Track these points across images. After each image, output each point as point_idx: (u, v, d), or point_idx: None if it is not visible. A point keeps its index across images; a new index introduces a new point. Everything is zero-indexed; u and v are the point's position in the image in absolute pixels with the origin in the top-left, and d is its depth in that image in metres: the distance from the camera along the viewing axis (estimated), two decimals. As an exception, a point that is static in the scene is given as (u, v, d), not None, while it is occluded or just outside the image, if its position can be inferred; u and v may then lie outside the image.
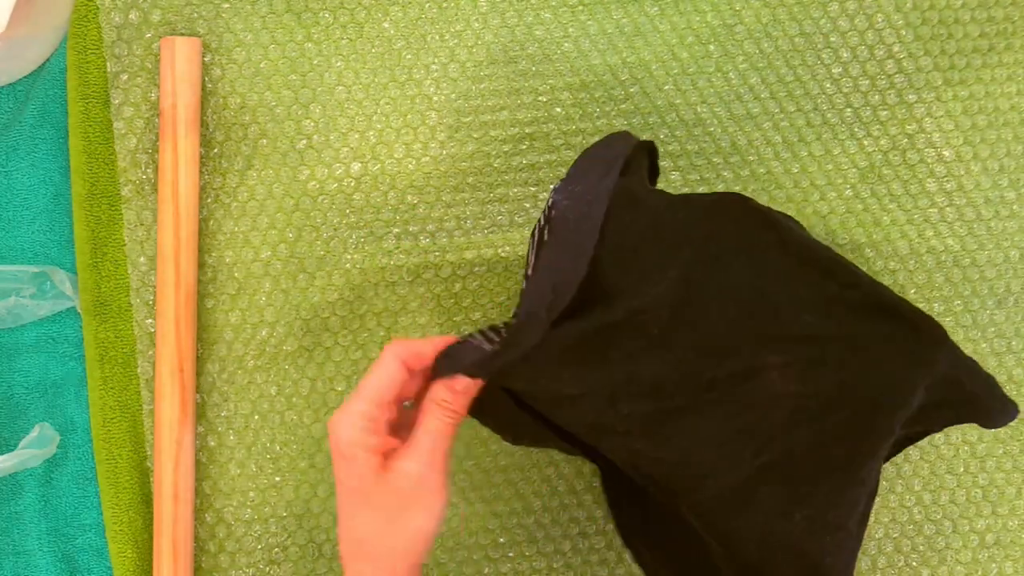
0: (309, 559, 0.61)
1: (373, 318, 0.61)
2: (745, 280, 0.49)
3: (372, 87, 0.61)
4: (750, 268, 0.49)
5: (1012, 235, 0.63)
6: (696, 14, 0.62)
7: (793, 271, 0.50)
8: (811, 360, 0.48)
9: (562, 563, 0.62)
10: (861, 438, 0.49)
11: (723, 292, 0.48)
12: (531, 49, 0.61)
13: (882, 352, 0.50)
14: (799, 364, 0.48)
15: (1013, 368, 0.63)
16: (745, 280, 0.49)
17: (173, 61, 0.59)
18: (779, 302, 0.49)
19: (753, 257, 0.49)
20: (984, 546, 0.63)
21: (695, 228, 0.49)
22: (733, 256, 0.49)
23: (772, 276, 0.49)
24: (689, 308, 0.48)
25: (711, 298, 0.48)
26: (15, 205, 0.61)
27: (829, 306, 0.49)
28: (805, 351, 0.48)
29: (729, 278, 0.49)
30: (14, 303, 0.60)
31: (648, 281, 0.48)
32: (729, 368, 0.48)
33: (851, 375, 0.49)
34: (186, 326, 0.59)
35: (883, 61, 0.62)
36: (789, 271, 0.50)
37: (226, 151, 0.61)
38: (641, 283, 0.48)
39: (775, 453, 0.48)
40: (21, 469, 0.60)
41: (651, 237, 0.48)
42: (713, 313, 0.48)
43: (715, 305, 0.48)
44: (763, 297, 0.49)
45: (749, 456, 0.48)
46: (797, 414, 0.48)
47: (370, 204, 0.61)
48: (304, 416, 0.61)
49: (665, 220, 0.49)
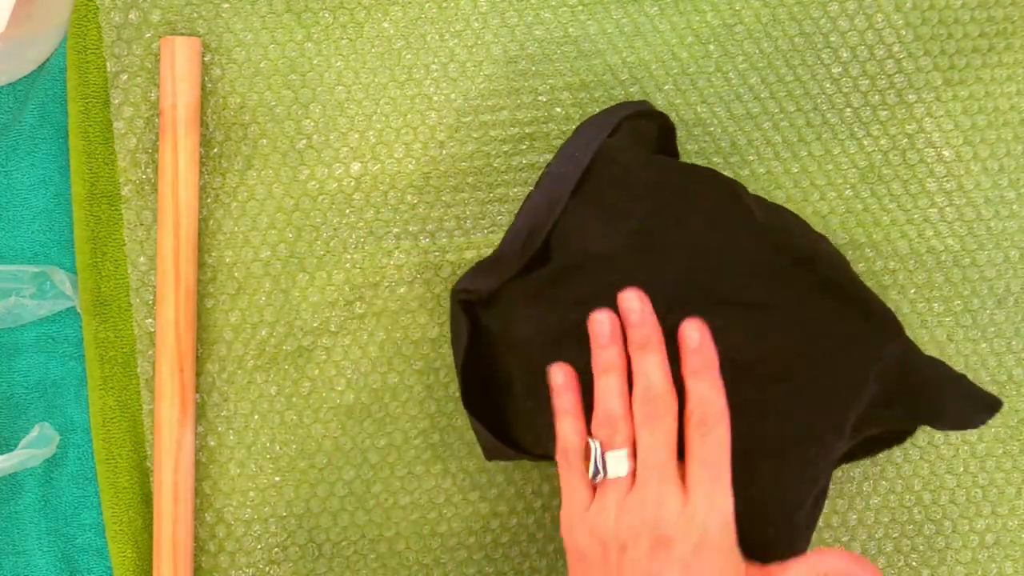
0: (309, 559, 0.61)
1: (373, 318, 0.61)
2: (701, 240, 0.50)
3: (372, 87, 0.61)
4: (708, 229, 0.51)
5: (1012, 235, 0.63)
6: (696, 14, 0.62)
7: (749, 240, 0.51)
8: (755, 326, 0.49)
9: (562, 563, 0.62)
10: (806, 417, 0.49)
11: (678, 248, 0.50)
12: (531, 49, 0.61)
13: (828, 331, 0.50)
14: (743, 329, 0.49)
15: (1013, 368, 0.63)
16: (701, 240, 0.50)
17: (173, 61, 0.59)
18: (732, 266, 0.50)
19: (713, 220, 0.51)
20: (984, 546, 0.63)
21: (662, 185, 0.52)
22: (693, 215, 0.51)
23: (729, 241, 0.50)
24: (644, 258, 0.50)
25: (666, 251, 0.50)
26: (15, 205, 0.61)
27: (779, 278, 0.50)
28: (751, 316, 0.49)
29: (686, 235, 0.50)
30: (14, 303, 0.60)
31: (610, 228, 0.50)
32: (673, 321, 0.48)
33: (795, 347, 0.49)
34: (186, 326, 0.59)
35: (883, 61, 0.62)
36: (746, 239, 0.51)
37: (226, 151, 0.61)
38: (604, 229, 0.50)
39: None
40: (21, 469, 0.60)
41: (618, 187, 0.51)
42: (666, 266, 0.50)
43: (669, 259, 0.50)
44: (717, 258, 0.50)
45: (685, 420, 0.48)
46: (738, 381, 0.48)
47: (370, 204, 0.61)
48: (304, 416, 0.61)
49: (636, 175, 0.52)
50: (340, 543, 0.61)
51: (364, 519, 0.61)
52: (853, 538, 0.63)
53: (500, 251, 0.54)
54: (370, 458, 0.61)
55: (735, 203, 0.52)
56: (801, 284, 0.51)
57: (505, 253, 0.53)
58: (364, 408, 0.61)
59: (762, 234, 0.51)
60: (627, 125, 0.55)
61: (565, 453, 0.49)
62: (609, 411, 0.48)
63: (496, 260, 0.54)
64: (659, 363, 0.48)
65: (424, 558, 0.61)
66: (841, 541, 0.63)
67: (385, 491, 0.61)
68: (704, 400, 0.47)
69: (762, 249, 0.51)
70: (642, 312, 0.48)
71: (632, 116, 0.55)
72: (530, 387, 0.52)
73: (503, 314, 0.54)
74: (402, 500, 0.61)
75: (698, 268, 0.50)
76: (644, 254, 0.50)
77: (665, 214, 0.51)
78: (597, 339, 0.49)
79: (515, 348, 0.53)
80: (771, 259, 0.51)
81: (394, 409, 0.61)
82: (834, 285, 0.51)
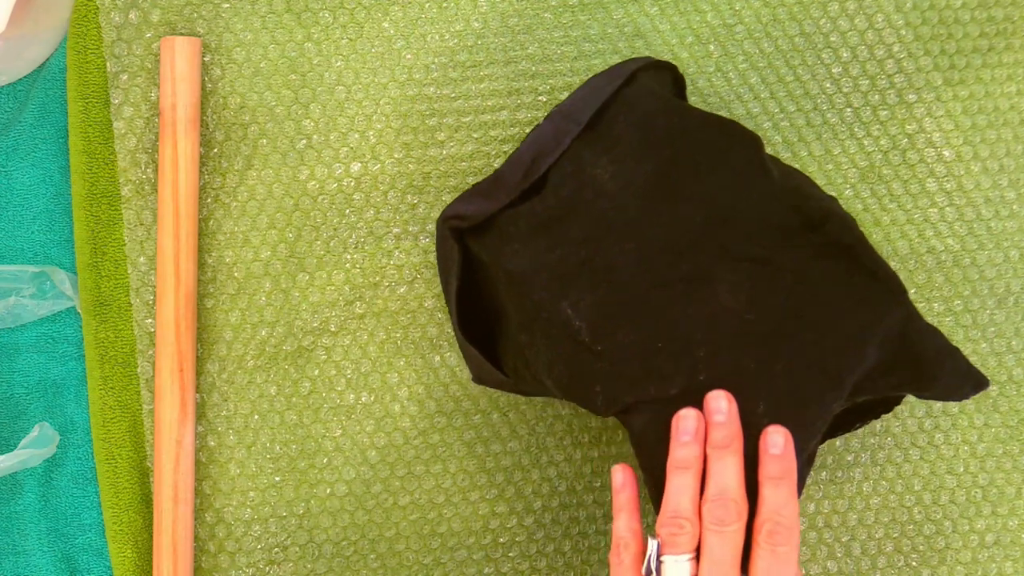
0: (309, 559, 0.61)
1: (373, 318, 0.61)
2: (717, 193, 0.50)
3: (372, 87, 0.61)
4: (725, 184, 0.50)
5: (1012, 235, 0.63)
6: (696, 14, 0.62)
7: (765, 198, 0.51)
8: (761, 282, 0.49)
9: (562, 563, 0.62)
10: (808, 376, 0.49)
11: (693, 198, 0.50)
12: (531, 49, 0.61)
13: (834, 292, 0.50)
14: (749, 283, 0.49)
15: (1013, 368, 0.63)
16: (717, 193, 0.50)
17: (173, 61, 0.59)
18: (746, 223, 0.50)
19: (730, 175, 0.51)
20: (984, 546, 0.63)
21: (682, 134, 0.52)
22: (711, 168, 0.51)
23: (744, 197, 0.50)
24: (658, 205, 0.49)
25: (680, 200, 0.50)
26: (15, 205, 0.61)
27: (791, 238, 0.50)
28: (757, 272, 0.49)
29: (702, 187, 0.50)
30: (14, 303, 0.60)
31: (624, 169, 0.50)
32: (683, 270, 0.48)
33: (800, 307, 0.49)
34: (186, 326, 0.59)
35: (883, 61, 0.62)
36: (761, 197, 0.51)
37: (226, 151, 0.61)
38: (618, 169, 0.50)
39: (718, 370, 0.48)
40: (21, 469, 0.60)
41: (637, 131, 0.51)
42: (680, 215, 0.49)
43: (684, 208, 0.49)
44: (731, 213, 0.50)
45: (687, 368, 0.48)
46: (743, 336, 0.48)
47: (370, 204, 0.61)
48: (304, 416, 0.61)
49: (657, 122, 0.52)
50: (340, 543, 0.61)
51: (364, 519, 0.61)
52: (853, 538, 0.63)
53: (499, 174, 0.52)
54: (370, 458, 0.61)
55: (753, 159, 0.52)
56: (811, 245, 0.50)
57: (504, 177, 0.52)
58: (364, 408, 0.61)
59: (777, 194, 0.51)
60: (642, 76, 0.54)
61: (618, 550, 0.48)
62: (678, 510, 0.46)
63: (494, 183, 0.52)
64: (737, 468, 0.46)
65: (424, 558, 0.61)
66: (841, 541, 0.63)
67: (385, 491, 0.61)
68: (780, 511, 0.46)
69: (777, 208, 0.51)
70: (729, 413, 0.47)
71: (644, 68, 0.55)
72: (525, 322, 0.51)
73: (495, 246, 0.53)
74: (402, 500, 0.61)
75: (711, 221, 0.49)
76: (658, 202, 0.50)
77: (683, 163, 0.50)
78: (679, 435, 0.47)
79: (511, 281, 0.52)
80: (785, 219, 0.51)
81: (394, 409, 0.61)
82: (844, 247, 0.51)
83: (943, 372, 0.51)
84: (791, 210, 0.51)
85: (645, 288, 0.49)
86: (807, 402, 0.49)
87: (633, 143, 0.51)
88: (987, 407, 0.63)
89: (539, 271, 0.50)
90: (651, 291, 0.49)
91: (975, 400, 0.63)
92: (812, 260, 0.50)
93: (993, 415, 0.63)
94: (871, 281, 0.51)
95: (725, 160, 0.51)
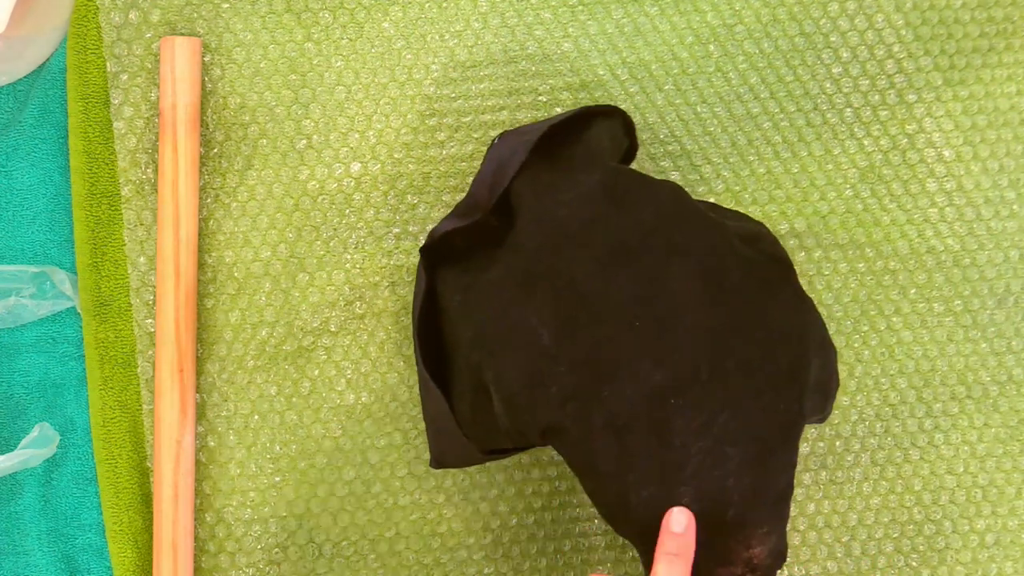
0: (309, 559, 0.61)
1: (373, 318, 0.61)
2: (663, 197, 0.52)
3: (372, 87, 0.61)
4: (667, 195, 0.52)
5: (1012, 235, 0.63)
6: (696, 14, 0.62)
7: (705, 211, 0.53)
8: (712, 273, 0.50)
9: (562, 563, 0.62)
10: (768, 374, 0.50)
11: (642, 201, 0.52)
12: (531, 49, 0.61)
13: (772, 292, 0.52)
14: (701, 275, 0.50)
15: (1013, 368, 0.63)
16: (663, 197, 0.52)
17: (173, 61, 0.59)
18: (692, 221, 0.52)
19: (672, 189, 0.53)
20: (984, 546, 0.63)
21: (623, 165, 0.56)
22: (653, 183, 0.53)
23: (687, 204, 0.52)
24: (610, 209, 0.51)
25: (629, 205, 0.51)
26: (15, 205, 0.61)
27: (730, 242, 0.52)
28: (707, 263, 0.51)
29: (650, 192, 0.52)
30: (14, 303, 0.60)
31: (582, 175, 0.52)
32: (638, 269, 0.50)
33: (743, 292, 0.51)
34: (186, 326, 0.59)
35: (883, 61, 0.62)
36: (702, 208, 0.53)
37: (226, 151, 0.61)
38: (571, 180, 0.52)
39: (674, 366, 0.49)
40: (21, 469, 0.60)
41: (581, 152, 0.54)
42: (628, 219, 0.51)
43: (632, 212, 0.51)
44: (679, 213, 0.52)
45: (648, 365, 0.49)
46: (698, 330, 0.49)
47: (370, 204, 0.61)
48: (304, 416, 0.61)
49: (600, 144, 0.55)
50: (340, 543, 0.61)
51: (364, 519, 0.61)
52: (853, 538, 0.63)
53: (469, 195, 0.55)
54: (370, 458, 0.61)
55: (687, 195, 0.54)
56: (747, 251, 0.52)
57: (474, 196, 0.54)
58: (364, 408, 0.61)
59: (714, 211, 0.54)
60: (596, 123, 0.56)
61: None
62: None
63: (466, 203, 0.55)
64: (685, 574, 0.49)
65: (424, 558, 0.61)
66: (841, 541, 0.63)
67: (385, 491, 0.61)
68: None
69: (715, 220, 0.52)
70: (688, 528, 0.49)
71: (596, 115, 0.56)
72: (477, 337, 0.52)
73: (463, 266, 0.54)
74: (402, 500, 0.61)
75: (663, 217, 0.51)
76: (610, 205, 0.51)
77: (629, 174, 0.53)
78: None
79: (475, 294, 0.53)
80: (723, 229, 0.52)
81: (394, 409, 0.61)
82: (773, 258, 0.53)
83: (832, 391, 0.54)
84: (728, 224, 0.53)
85: (602, 290, 0.50)
86: (762, 392, 0.50)
87: (583, 160, 0.54)
88: (987, 407, 0.63)
89: (504, 279, 0.51)
90: (608, 293, 0.50)
91: (975, 400, 0.63)
92: (754, 263, 0.52)
93: (993, 415, 0.63)
94: (796, 287, 0.53)
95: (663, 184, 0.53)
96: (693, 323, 0.50)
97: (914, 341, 0.63)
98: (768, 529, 0.50)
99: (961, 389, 0.63)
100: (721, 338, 0.50)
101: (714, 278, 0.50)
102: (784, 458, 0.50)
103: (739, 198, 0.62)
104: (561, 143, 0.54)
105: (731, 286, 0.50)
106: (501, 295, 0.51)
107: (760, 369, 0.50)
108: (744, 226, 0.54)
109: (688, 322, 0.50)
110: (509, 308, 0.51)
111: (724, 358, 0.50)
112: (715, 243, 0.51)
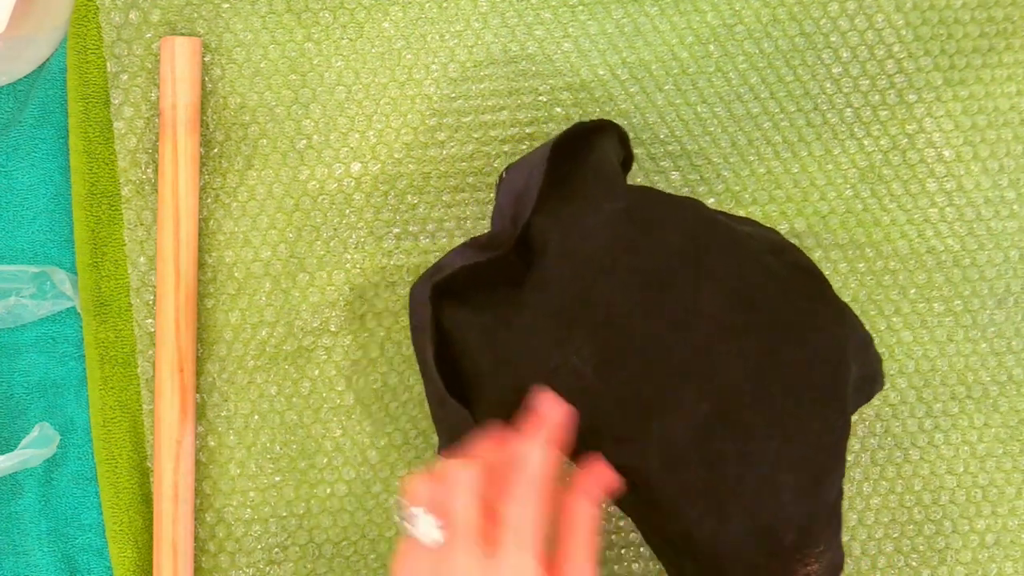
0: (309, 559, 0.61)
1: (373, 318, 0.61)
2: (689, 218, 0.51)
3: (372, 87, 0.61)
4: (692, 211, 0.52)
5: (1012, 235, 0.63)
6: (696, 14, 0.62)
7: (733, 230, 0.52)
8: (745, 294, 0.50)
9: (562, 563, 0.62)
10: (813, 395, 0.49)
11: (667, 224, 0.51)
12: (531, 49, 0.61)
13: (808, 307, 0.51)
14: (735, 297, 0.49)
15: (1013, 368, 0.63)
16: (689, 218, 0.51)
17: (173, 61, 0.59)
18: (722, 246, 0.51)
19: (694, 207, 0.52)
20: (984, 546, 0.63)
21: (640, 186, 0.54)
22: (677, 203, 0.52)
23: (716, 224, 0.52)
24: (637, 236, 0.50)
25: (656, 229, 0.50)
26: (15, 205, 0.61)
27: (759, 258, 0.51)
28: (739, 284, 0.50)
29: (674, 214, 0.51)
30: (14, 303, 0.60)
31: (606, 203, 0.51)
32: (671, 295, 0.49)
33: (778, 311, 0.50)
34: (186, 326, 0.59)
35: (883, 61, 0.62)
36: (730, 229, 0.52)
37: (226, 151, 0.61)
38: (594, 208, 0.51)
39: (718, 394, 0.48)
40: (21, 469, 0.60)
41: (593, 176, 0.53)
42: (656, 244, 0.50)
43: (658, 236, 0.50)
44: (707, 238, 0.51)
45: (693, 395, 0.48)
46: (737, 355, 0.49)
47: (370, 204, 0.61)
48: (304, 416, 0.61)
49: (612, 166, 0.53)
50: (340, 543, 0.61)
51: (364, 519, 0.61)
52: (853, 538, 0.63)
53: (494, 226, 0.54)
54: (370, 458, 0.61)
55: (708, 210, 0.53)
56: (777, 265, 0.52)
57: (496, 230, 0.53)
58: (364, 408, 0.61)
59: (739, 226, 0.53)
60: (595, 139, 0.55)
61: None
62: None
63: (490, 238, 0.53)
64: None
65: (424, 558, 0.61)
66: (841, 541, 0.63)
67: (385, 491, 0.61)
68: None
69: (742, 235, 0.52)
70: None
71: (593, 131, 0.55)
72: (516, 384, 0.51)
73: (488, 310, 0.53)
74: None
75: (689, 238, 0.50)
76: (635, 234, 0.50)
77: (651, 195, 0.52)
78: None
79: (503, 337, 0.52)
80: (750, 244, 0.52)
81: (394, 409, 0.61)
82: (802, 269, 0.53)
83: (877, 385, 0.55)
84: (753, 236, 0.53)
85: (638, 321, 0.49)
86: (811, 415, 0.49)
87: (599, 188, 0.52)
88: (987, 407, 0.63)
89: (537, 321, 0.50)
90: (644, 323, 0.49)
91: (975, 400, 0.63)
92: (785, 276, 0.51)
93: (993, 415, 0.63)
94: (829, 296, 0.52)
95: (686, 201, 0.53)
96: (732, 349, 0.49)
97: (914, 341, 0.63)
98: (824, 547, 0.49)
99: (961, 389, 0.63)
100: (761, 362, 0.49)
101: (748, 299, 0.49)
102: (836, 474, 0.50)
103: (739, 198, 0.62)
104: (570, 170, 0.53)
105: (766, 306, 0.50)
106: (539, 339, 0.50)
107: (805, 391, 0.49)
108: (765, 235, 0.53)
109: (726, 348, 0.48)
110: (551, 352, 0.49)
111: (768, 383, 0.49)
112: (745, 261, 0.50)
